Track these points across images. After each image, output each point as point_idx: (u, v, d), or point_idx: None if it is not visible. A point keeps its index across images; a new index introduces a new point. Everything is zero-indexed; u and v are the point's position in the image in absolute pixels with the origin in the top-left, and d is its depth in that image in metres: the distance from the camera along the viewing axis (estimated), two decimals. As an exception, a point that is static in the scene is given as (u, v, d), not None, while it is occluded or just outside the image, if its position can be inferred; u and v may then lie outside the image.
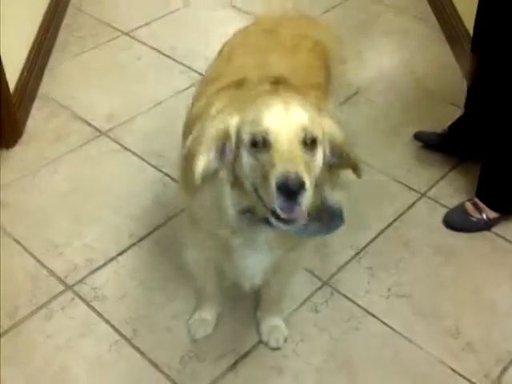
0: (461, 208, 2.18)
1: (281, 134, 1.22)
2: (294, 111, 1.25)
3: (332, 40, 1.90)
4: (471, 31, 2.17)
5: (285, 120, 1.24)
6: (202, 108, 1.52)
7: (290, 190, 1.17)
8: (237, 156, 1.29)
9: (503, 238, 2.14)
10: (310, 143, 1.25)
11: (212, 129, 1.31)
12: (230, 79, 1.54)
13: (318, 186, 1.30)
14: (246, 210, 1.35)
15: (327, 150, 1.31)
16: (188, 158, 1.34)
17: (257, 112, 1.26)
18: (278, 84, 1.49)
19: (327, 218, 1.38)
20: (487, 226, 2.15)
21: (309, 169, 1.23)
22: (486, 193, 2.16)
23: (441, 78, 2.76)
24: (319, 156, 1.28)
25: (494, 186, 2.14)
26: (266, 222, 1.31)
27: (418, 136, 2.44)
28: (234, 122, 1.29)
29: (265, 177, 1.21)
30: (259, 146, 1.24)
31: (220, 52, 1.84)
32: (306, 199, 1.19)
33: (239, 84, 1.50)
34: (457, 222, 2.16)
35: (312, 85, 1.64)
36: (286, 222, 1.24)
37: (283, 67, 1.61)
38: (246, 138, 1.26)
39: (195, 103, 1.64)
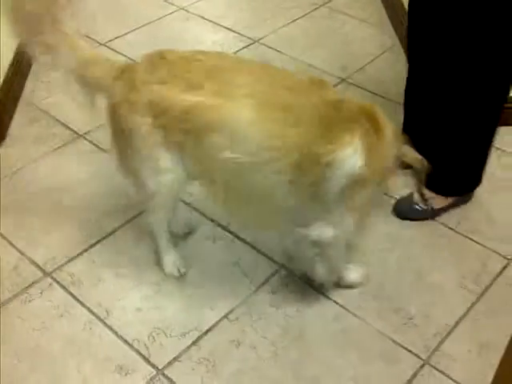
0: (409, 198, 2.38)
1: None
2: None
3: None
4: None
5: None
6: None
7: None
8: None
9: (446, 225, 2.34)
10: None
11: None
12: None
13: None
14: None
15: None
16: None
17: None
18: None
19: None
20: (432, 215, 2.35)
21: None
22: (434, 181, 2.26)
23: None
24: None
25: (442, 172, 2.25)
26: None
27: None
28: None
29: None
30: None
31: None
32: None
33: (161, 57, 1.80)
34: (404, 210, 2.37)
35: None
36: None
37: None
38: None
39: None
